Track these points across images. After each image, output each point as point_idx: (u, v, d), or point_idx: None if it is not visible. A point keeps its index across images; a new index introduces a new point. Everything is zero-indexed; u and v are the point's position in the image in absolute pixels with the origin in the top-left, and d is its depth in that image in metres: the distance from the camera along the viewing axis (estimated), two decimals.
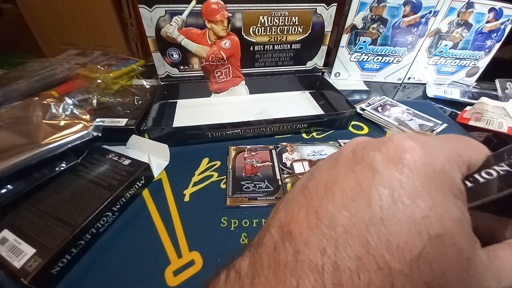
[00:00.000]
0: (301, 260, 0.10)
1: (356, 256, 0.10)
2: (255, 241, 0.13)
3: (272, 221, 0.13)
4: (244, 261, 0.12)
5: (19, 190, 0.29)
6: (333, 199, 0.11)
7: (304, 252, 0.10)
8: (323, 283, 0.09)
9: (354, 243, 0.10)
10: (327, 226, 0.10)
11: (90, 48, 0.90)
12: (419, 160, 0.11)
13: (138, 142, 0.41)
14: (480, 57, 0.67)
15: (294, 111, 0.47)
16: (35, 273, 0.23)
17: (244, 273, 0.11)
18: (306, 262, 0.10)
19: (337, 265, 0.10)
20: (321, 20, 0.53)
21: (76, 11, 1.54)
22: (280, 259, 0.11)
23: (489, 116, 0.52)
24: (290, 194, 0.14)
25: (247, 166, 0.39)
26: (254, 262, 0.12)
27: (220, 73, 0.56)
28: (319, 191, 0.12)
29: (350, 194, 0.11)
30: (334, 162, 0.13)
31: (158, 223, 0.31)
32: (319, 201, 0.12)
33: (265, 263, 0.11)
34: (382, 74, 0.71)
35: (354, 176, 0.12)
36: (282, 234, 0.12)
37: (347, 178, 0.12)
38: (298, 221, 0.11)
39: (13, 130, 0.33)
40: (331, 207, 0.11)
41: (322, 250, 0.10)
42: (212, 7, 0.47)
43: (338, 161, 0.13)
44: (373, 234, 0.10)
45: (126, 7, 1.51)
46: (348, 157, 0.13)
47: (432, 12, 0.60)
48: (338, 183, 0.12)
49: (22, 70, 0.55)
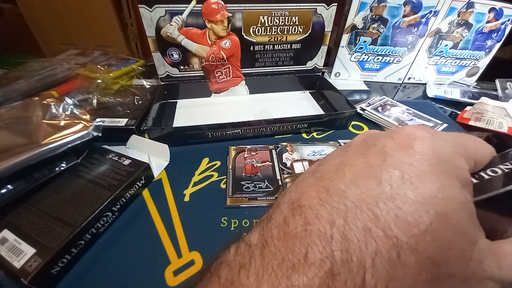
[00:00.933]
0: (310, 230, 0.11)
1: (364, 227, 0.10)
2: (264, 218, 0.13)
3: (282, 200, 0.13)
4: (253, 234, 0.13)
5: (19, 190, 0.29)
6: (344, 178, 0.12)
7: (313, 223, 0.11)
8: (331, 250, 0.10)
9: (363, 217, 0.10)
10: (337, 202, 0.11)
11: (90, 48, 0.90)
12: (429, 147, 0.12)
13: (138, 142, 0.41)
14: (480, 57, 0.67)
15: (294, 111, 0.47)
16: (35, 273, 0.23)
17: (254, 244, 0.12)
18: (315, 232, 0.10)
19: (345, 235, 0.10)
20: (321, 20, 0.53)
21: (76, 11, 1.54)
22: (290, 230, 0.11)
23: (489, 116, 0.52)
24: (300, 178, 0.15)
25: (247, 166, 0.39)
26: (263, 234, 0.12)
27: (220, 73, 0.56)
28: (330, 173, 0.13)
29: (360, 175, 0.12)
30: (345, 150, 0.14)
31: (158, 223, 0.31)
32: (329, 180, 0.12)
33: (275, 234, 0.11)
34: (382, 74, 0.71)
35: (365, 160, 0.12)
36: (292, 209, 0.12)
37: (357, 161, 0.13)
38: (309, 197, 0.12)
39: (13, 130, 0.33)
40: (341, 185, 0.12)
41: (331, 222, 0.11)
42: (212, 7, 0.47)
43: (348, 148, 0.14)
44: (382, 209, 0.10)
45: (126, 7, 1.51)
46: (359, 145, 0.14)
47: (432, 12, 0.60)
48: (348, 166, 0.13)
49: (22, 70, 0.55)
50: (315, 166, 0.15)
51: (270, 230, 0.12)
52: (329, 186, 0.12)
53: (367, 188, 0.11)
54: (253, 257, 0.11)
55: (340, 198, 0.11)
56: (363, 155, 0.13)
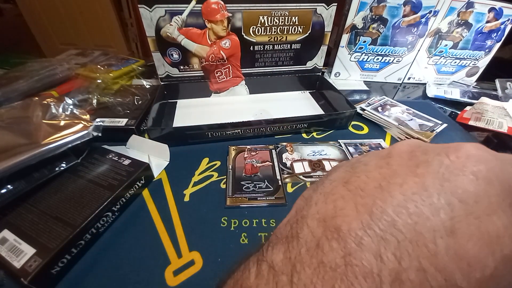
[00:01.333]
0: (353, 265, 0.09)
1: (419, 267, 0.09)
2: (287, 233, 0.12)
3: (308, 212, 0.12)
4: (276, 254, 0.11)
5: (19, 190, 0.29)
6: (391, 200, 0.10)
7: (356, 255, 0.09)
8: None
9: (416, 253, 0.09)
10: (383, 230, 0.09)
11: (90, 48, 0.90)
12: (495, 174, 0.10)
13: (138, 142, 0.41)
14: (480, 57, 0.67)
15: (294, 111, 0.47)
16: (35, 273, 0.23)
17: (279, 269, 0.10)
18: (359, 267, 0.09)
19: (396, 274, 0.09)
20: (321, 20, 0.53)
21: (76, 11, 1.54)
22: (326, 260, 0.10)
23: (489, 116, 0.52)
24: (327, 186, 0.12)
25: (247, 166, 0.39)
26: (290, 257, 0.10)
27: (220, 73, 0.56)
28: (370, 189, 0.11)
29: (413, 198, 0.10)
30: (386, 161, 0.12)
31: (158, 223, 0.31)
32: (371, 200, 0.10)
33: (306, 261, 0.10)
34: (382, 74, 0.71)
35: (417, 180, 0.10)
36: (326, 230, 0.10)
37: (407, 181, 0.11)
38: (346, 217, 0.10)
39: (13, 130, 0.33)
40: (388, 209, 0.10)
41: (377, 256, 0.09)
42: (212, 7, 0.47)
43: (390, 160, 0.12)
44: (440, 246, 0.09)
45: (126, 7, 1.51)
46: (404, 158, 0.12)
47: (432, 12, 0.60)
48: (395, 185, 0.11)
49: (22, 70, 0.55)
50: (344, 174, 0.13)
51: (299, 253, 0.10)
52: (372, 207, 0.10)
53: (422, 217, 0.09)
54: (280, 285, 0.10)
55: (388, 226, 0.09)
56: (413, 173, 0.11)
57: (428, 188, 0.10)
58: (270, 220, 0.32)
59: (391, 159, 0.12)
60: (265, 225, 0.31)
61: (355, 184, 0.12)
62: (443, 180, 0.10)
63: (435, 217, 0.09)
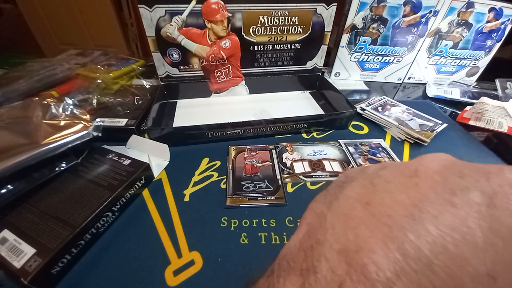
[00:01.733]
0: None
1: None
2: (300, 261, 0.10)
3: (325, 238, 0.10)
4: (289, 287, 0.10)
5: (19, 190, 0.29)
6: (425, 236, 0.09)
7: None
8: None
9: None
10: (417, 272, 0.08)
11: (90, 48, 0.90)
12: None
13: (138, 142, 0.41)
14: (480, 57, 0.67)
15: (294, 111, 0.47)
16: (35, 273, 0.23)
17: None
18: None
19: None
20: (321, 20, 0.53)
21: (76, 11, 1.54)
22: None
23: (489, 116, 0.52)
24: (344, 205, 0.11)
25: (247, 166, 0.39)
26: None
27: (220, 73, 0.56)
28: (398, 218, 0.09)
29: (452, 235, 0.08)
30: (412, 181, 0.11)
31: (158, 223, 0.31)
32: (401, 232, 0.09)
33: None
34: (382, 74, 0.71)
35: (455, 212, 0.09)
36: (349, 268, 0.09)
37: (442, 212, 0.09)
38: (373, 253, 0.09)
39: (13, 130, 0.33)
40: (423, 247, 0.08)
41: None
42: (212, 7, 0.47)
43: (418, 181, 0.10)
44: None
45: (126, 7, 1.51)
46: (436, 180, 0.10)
47: (432, 12, 0.60)
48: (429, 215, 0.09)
49: (22, 70, 0.55)
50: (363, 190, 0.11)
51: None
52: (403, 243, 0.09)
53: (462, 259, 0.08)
54: None
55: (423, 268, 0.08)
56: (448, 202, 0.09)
57: (468, 223, 0.09)
58: (270, 220, 0.32)
59: (419, 179, 0.11)
60: (265, 225, 0.31)
61: (378, 208, 0.10)
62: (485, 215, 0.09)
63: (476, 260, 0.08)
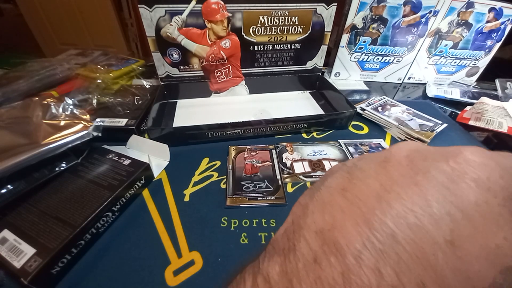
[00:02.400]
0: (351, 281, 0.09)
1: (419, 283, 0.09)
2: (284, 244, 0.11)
3: (305, 222, 0.11)
4: (272, 266, 0.11)
5: (19, 190, 0.29)
6: (390, 211, 0.10)
7: (355, 271, 0.09)
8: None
9: (416, 268, 0.09)
10: (382, 243, 0.09)
11: (90, 48, 0.90)
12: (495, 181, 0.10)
13: (138, 142, 0.41)
14: (480, 57, 0.67)
15: (294, 111, 0.47)
16: (35, 273, 0.23)
17: (275, 283, 0.10)
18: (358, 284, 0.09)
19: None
20: (321, 20, 0.53)
21: (76, 11, 1.54)
22: (324, 276, 0.09)
23: (489, 116, 0.52)
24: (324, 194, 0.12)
25: (247, 166, 0.39)
26: (287, 271, 0.10)
27: (220, 73, 0.56)
28: (369, 199, 0.11)
29: (412, 209, 0.10)
30: (383, 167, 0.12)
31: (158, 223, 0.31)
32: (370, 211, 0.10)
33: (303, 276, 0.10)
34: (382, 74, 0.71)
35: (416, 189, 0.10)
36: (323, 244, 0.10)
37: (406, 190, 0.10)
38: (344, 230, 0.10)
39: (13, 130, 0.33)
40: (387, 220, 0.10)
41: (376, 271, 0.09)
42: (212, 7, 0.47)
43: (388, 166, 0.12)
44: (440, 260, 0.09)
45: (126, 7, 1.51)
46: (403, 165, 0.11)
47: (432, 12, 0.60)
48: (394, 193, 0.10)
49: (22, 70, 0.55)
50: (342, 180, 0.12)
51: (296, 267, 0.10)
52: (371, 218, 0.10)
53: (422, 229, 0.09)
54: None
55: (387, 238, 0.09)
56: (412, 182, 0.10)
57: (428, 198, 0.10)
58: (270, 220, 0.32)
59: (389, 165, 0.12)
60: (265, 225, 0.31)
61: (352, 193, 0.11)
62: (443, 189, 0.10)
63: (435, 229, 0.09)
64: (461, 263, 0.09)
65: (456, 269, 0.09)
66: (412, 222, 0.09)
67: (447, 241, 0.09)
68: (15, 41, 1.99)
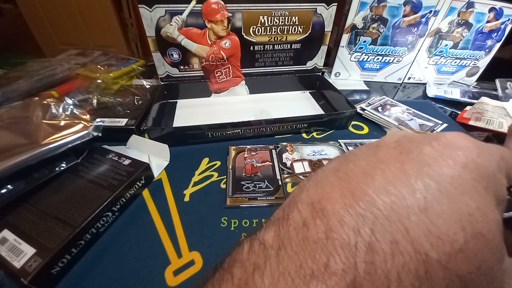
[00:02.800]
0: (333, 238, 0.10)
1: (392, 239, 0.09)
2: (279, 216, 0.13)
3: (299, 197, 0.13)
4: (268, 233, 0.12)
5: (19, 190, 0.29)
6: (373, 183, 0.11)
7: (336, 230, 0.10)
8: (354, 261, 0.09)
9: (391, 228, 0.10)
10: (363, 208, 0.10)
11: (90, 48, 0.90)
12: (472, 160, 0.11)
13: (138, 142, 0.41)
14: (480, 57, 0.67)
15: (294, 111, 0.47)
16: (35, 273, 0.23)
17: (269, 245, 0.11)
18: (338, 240, 0.10)
19: (371, 245, 0.09)
20: (321, 20, 0.53)
21: (76, 11, 1.54)
22: (310, 235, 0.10)
23: (489, 116, 0.52)
24: (320, 175, 0.13)
25: (247, 166, 0.39)
26: (280, 235, 0.11)
27: (220, 73, 0.56)
28: (356, 175, 0.12)
29: (392, 181, 0.11)
30: (374, 150, 0.13)
31: (158, 223, 0.31)
32: (356, 183, 0.11)
33: (293, 237, 0.11)
34: (382, 74, 0.71)
35: (399, 165, 0.11)
36: (312, 211, 0.11)
37: (389, 166, 0.12)
38: (331, 199, 0.11)
39: (13, 130, 0.33)
40: (369, 190, 0.11)
41: (356, 230, 0.10)
42: (212, 7, 0.47)
43: (378, 149, 0.13)
44: (413, 222, 0.10)
45: (126, 7, 1.51)
46: (391, 147, 0.13)
47: (432, 11, 0.60)
48: (378, 169, 0.12)
49: (22, 70, 0.55)
50: (337, 164, 0.13)
51: (288, 231, 0.11)
52: (355, 190, 0.11)
53: (399, 197, 0.10)
54: (268, 259, 0.11)
55: (368, 205, 0.10)
56: (396, 160, 0.12)
57: (408, 172, 0.11)
58: None
59: (378, 148, 0.13)
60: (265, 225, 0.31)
61: (343, 171, 0.12)
62: (422, 165, 0.11)
63: (411, 197, 0.10)
64: (431, 224, 0.10)
65: (427, 230, 0.09)
66: (391, 191, 0.10)
67: (420, 206, 0.10)
68: (15, 41, 1.99)
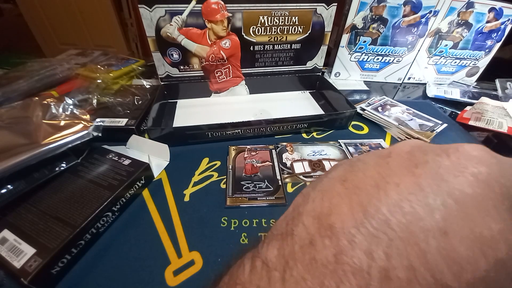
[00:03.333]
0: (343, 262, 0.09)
1: (409, 265, 0.09)
2: (282, 229, 0.12)
3: (304, 209, 0.12)
4: (271, 250, 0.11)
5: (19, 190, 0.29)
6: (386, 199, 0.10)
7: (347, 253, 0.09)
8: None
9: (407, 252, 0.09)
10: (376, 228, 0.09)
11: (90, 48, 0.90)
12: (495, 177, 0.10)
13: (138, 142, 0.41)
14: (480, 57, 0.67)
15: (294, 111, 0.47)
16: (35, 273, 0.23)
17: (273, 265, 0.10)
18: (350, 264, 0.09)
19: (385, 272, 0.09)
20: (321, 20, 0.53)
21: (76, 11, 1.54)
22: (319, 257, 0.10)
23: (489, 116, 0.52)
24: (326, 184, 0.12)
25: (247, 166, 0.39)
26: (284, 254, 0.10)
27: (220, 73, 0.56)
28: (366, 188, 0.11)
29: (408, 198, 0.10)
30: (385, 160, 0.12)
31: (158, 223, 0.31)
32: (367, 198, 0.10)
33: (299, 257, 0.10)
34: (382, 74, 0.71)
35: (414, 180, 0.10)
36: (320, 227, 0.10)
37: (404, 180, 0.10)
38: (340, 215, 0.10)
39: (13, 130, 0.33)
40: (383, 207, 0.10)
41: (368, 254, 0.09)
42: (212, 7, 0.47)
43: (389, 160, 0.12)
44: (432, 246, 0.09)
45: (126, 7, 1.51)
46: (404, 158, 0.12)
47: (432, 12, 0.60)
48: (392, 184, 0.11)
49: (22, 70, 0.55)
50: (343, 171, 0.12)
51: (293, 249, 0.10)
52: (367, 205, 0.10)
53: (416, 217, 0.09)
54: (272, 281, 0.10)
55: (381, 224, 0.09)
56: (410, 173, 0.11)
57: (425, 188, 0.10)
58: (270, 220, 0.32)
59: (390, 159, 0.12)
60: (265, 225, 0.31)
61: (352, 182, 0.11)
62: (440, 181, 0.10)
63: (429, 217, 0.09)
64: (452, 250, 0.09)
65: (447, 256, 0.09)
66: (407, 210, 0.09)
67: (440, 228, 0.09)
68: (15, 41, 1.99)
